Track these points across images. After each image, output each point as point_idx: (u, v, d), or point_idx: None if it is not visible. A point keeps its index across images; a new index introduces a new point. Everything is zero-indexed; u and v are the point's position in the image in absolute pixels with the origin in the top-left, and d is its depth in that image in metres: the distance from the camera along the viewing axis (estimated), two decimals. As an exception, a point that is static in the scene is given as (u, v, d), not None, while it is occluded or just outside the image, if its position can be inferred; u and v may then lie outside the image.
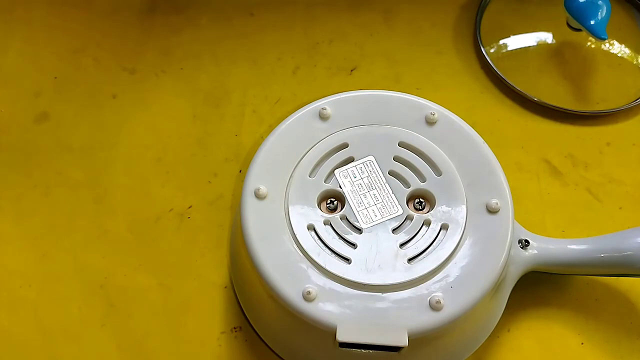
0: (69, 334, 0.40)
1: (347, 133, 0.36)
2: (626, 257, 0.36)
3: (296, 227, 0.33)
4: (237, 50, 0.53)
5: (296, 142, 0.35)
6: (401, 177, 0.34)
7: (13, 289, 0.42)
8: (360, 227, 0.33)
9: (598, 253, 0.37)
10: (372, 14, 0.55)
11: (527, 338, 0.40)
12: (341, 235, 0.33)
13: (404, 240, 0.33)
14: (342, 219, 0.33)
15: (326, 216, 0.33)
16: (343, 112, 0.36)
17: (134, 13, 0.55)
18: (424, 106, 0.37)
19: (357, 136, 0.36)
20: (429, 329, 0.31)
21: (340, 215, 0.33)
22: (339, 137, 0.36)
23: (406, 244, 0.33)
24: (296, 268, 0.32)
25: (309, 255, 0.32)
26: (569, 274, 0.41)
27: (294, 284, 0.32)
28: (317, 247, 0.32)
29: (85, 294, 0.42)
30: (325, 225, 0.33)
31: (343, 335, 0.30)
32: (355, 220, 0.33)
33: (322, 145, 0.35)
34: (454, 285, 0.31)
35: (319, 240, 0.33)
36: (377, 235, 0.33)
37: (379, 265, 0.32)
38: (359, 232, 0.33)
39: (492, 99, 0.50)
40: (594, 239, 0.37)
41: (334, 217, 0.33)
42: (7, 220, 0.45)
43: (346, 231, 0.33)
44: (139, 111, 0.50)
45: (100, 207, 0.45)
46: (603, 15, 0.47)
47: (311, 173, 0.34)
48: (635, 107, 0.49)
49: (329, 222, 0.33)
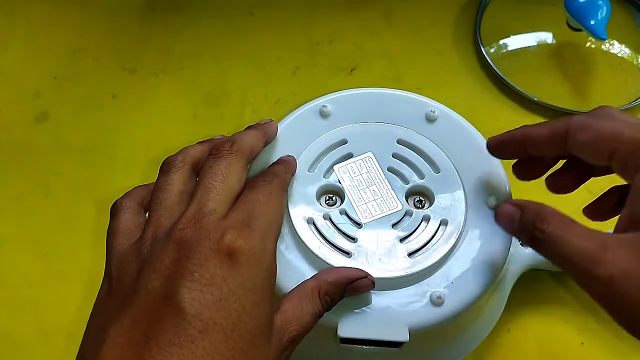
0: (69, 334, 0.40)
1: (346, 130, 0.36)
2: None
3: (295, 221, 0.33)
4: (237, 50, 0.53)
5: (297, 140, 0.35)
6: (400, 174, 0.35)
7: (13, 289, 0.42)
8: (360, 221, 0.33)
9: None
10: (372, 14, 0.55)
11: (527, 338, 0.40)
12: (341, 229, 0.33)
13: (403, 235, 0.33)
14: (341, 213, 0.33)
15: (325, 210, 0.33)
16: (344, 110, 0.36)
17: (134, 13, 0.55)
18: (425, 104, 0.37)
19: (356, 133, 0.36)
20: (430, 324, 0.31)
21: (339, 209, 0.33)
22: (338, 133, 0.36)
23: (406, 238, 0.33)
24: (296, 262, 0.32)
25: (309, 248, 0.32)
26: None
27: (293, 278, 0.32)
28: (317, 241, 0.32)
29: (85, 294, 0.42)
30: (325, 220, 0.33)
31: (344, 330, 0.30)
32: (354, 214, 0.33)
33: (321, 141, 0.35)
34: (455, 281, 0.32)
35: (319, 234, 0.32)
36: (376, 230, 0.33)
37: (379, 259, 0.32)
38: (358, 227, 0.33)
39: (492, 99, 0.50)
40: None
41: (334, 212, 0.33)
42: (7, 220, 0.45)
43: (346, 225, 0.33)
44: (139, 111, 0.50)
45: (100, 207, 0.45)
46: (603, 15, 0.47)
47: (310, 168, 0.34)
48: (635, 107, 0.49)
49: (328, 216, 0.33)
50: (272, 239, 0.27)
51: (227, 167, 0.27)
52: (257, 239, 0.25)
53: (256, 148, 0.30)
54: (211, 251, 0.24)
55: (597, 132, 0.27)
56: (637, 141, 0.26)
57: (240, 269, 0.24)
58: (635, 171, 0.26)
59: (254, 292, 0.24)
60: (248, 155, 0.29)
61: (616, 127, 0.27)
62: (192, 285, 0.23)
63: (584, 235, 0.25)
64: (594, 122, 0.27)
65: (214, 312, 0.23)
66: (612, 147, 0.27)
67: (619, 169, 0.27)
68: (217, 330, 0.23)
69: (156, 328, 0.23)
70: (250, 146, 0.30)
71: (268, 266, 0.25)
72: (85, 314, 0.26)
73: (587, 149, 0.28)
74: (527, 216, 0.27)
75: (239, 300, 0.24)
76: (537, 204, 0.27)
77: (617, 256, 0.23)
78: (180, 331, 0.23)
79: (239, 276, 0.24)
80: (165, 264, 0.24)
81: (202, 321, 0.23)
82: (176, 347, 0.22)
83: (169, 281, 0.24)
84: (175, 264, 0.24)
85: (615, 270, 0.23)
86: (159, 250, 0.25)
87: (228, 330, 0.23)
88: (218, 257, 0.24)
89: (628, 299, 0.23)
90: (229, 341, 0.23)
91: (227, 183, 0.27)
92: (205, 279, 0.24)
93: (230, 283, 0.24)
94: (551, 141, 0.29)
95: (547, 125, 0.29)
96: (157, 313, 0.23)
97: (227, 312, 0.23)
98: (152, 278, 0.24)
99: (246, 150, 0.29)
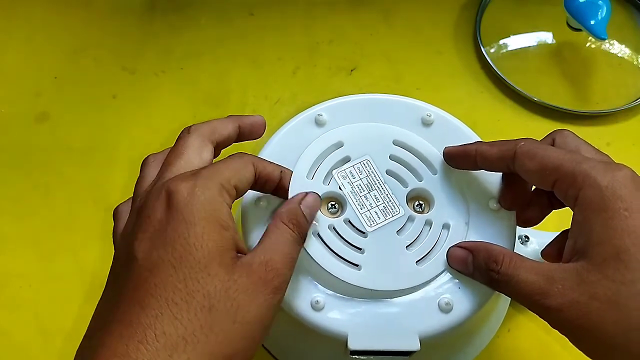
0: (69, 334, 0.40)
1: (340, 131, 0.35)
2: None
3: None
4: (237, 50, 0.53)
5: (293, 152, 0.35)
6: (399, 177, 0.34)
7: (13, 289, 0.42)
8: (365, 230, 0.32)
9: None
10: (372, 14, 0.55)
11: (527, 338, 0.40)
12: (347, 241, 0.32)
13: (409, 242, 0.32)
14: (345, 222, 0.33)
15: (329, 220, 0.33)
16: (339, 117, 0.36)
17: (134, 13, 0.55)
18: (420, 108, 0.36)
19: (352, 135, 0.35)
20: (440, 331, 0.31)
21: (343, 218, 0.33)
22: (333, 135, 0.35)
23: (411, 245, 0.32)
24: (303, 276, 0.32)
25: (316, 262, 0.31)
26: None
27: (301, 293, 0.31)
28: (324, 254, 0.32)
29: (85, 294, 0.42)
30: (330, 230, 0.32)
31: (355, 343, 0.30)
32: (359, 223, 0.33)
33: (317, 146, 0.35)
34: (462, 286, 0.31)
35: (326, 246, 0.32)
36: (382, 238, 0.32)
37: (388, 269, 0.31)
38: (364, 236, 0.32)
39: (492, 99, 0.50)
40: None
41: (338, 221, 0.33)
42: (7, 220, 0.45)
43: (351, 236, 0.32)
44: (139, 111, 0.50)
45: (100, 207, 0.45)
46: (603, 15, 0.47)
47: (308, 174, 0.34)
48: (635, 107, 0.49)
49: (332, 226, 0.32)
50: (215, 180, 0.27)
51: (183, 146, 0.29)
52: (196, 179, 0.26)
53: (221, 130, 0.31)
54: (156, 202, 0.26)
55: (541, 161, 0.28)
56: (574, 174, 0.27)
57: (179, 206, 0.25)
58: (573, 203, 0.27)
59: (196, 224, 0.25)
60: (209, 135, 0.30)
61: (559, 158, 0.28)
62: (143, 236, 0.26)
63: (533, 269, 0.27)
64: (540, 150, 0.29)
65: (161, 251, 0.25)
66: (554, 177, 0.28)
67: (562, 198, 0.28)
68: (167, 266, 0.25)
69: (122, 284, 0.25)
70: (211, 127, 0.31)
71: (209, 200, 0.26)
72: (85, 314, 0.27)
73: (533, 176, 0.29)
74: (479, 259, 0.30)
75: (182, 234, 0.25)
76: (485, 245, 0.30)
77: (563, 287, 0.26)
78: (134, 276, 0.25)
79: (178, 213, 0.25)
80: (128, 231, 0.27)
81: (151, 261, 0.25)
82: (133, 291, 0.24)
83: (129, 244, 0.26)
84: (133, 227, 0.27)
85: (562, 300, 0.26)
86: (128, 225, 0.28)
87: (176, 263, 0.25)
88: (161, 206, 0.26)
89: (578, 326, 0.25)
90: (179, 273, 0.24)
91: (184, 158, 0.29)
92: (153, 227, 0.26)
93: (171, 222, 0.25)
94: (500, 161, 0.31)
95: (497, 147, 0.31)
96: (123, 272, 0.26)
97: (172, 247, 0.25)
98: (122, 249, 0.27)
99: (205, 131, 0.30)
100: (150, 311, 0.24)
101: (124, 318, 0.24)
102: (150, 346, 0.23)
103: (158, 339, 0.23)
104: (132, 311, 0.24)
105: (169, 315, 0.24)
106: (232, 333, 0.24)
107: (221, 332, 0.24)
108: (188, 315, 0.24)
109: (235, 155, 0.29)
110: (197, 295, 0.24)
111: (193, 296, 0.24)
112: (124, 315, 0.24)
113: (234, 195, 0.28)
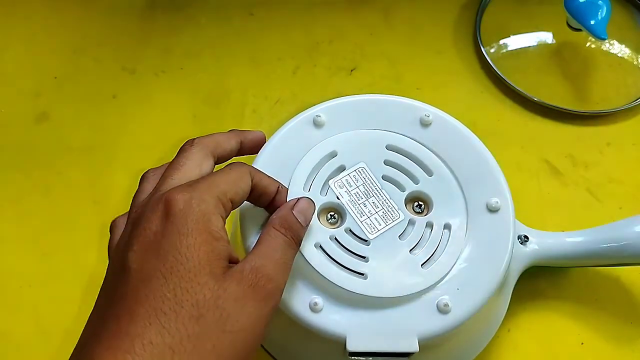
0: (69, 334, 0.40)
1: (333, 140, 0.35)
2: (624, 246, 0.36)
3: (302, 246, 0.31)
4: (237, 50, 0.53)
5: (291, 154, 0.34)
6: (395, 181, 0.34)
7: (13, 289, 0.42)
8: (367, 238, 0.32)
9: (596, 244, 0.37)
10: (372, 14, 0.55)
11: (527, 338, 0.40)
12: (350, 250, 0.32)
13: (412, 245, 0.32)
14: (347, 232, 0.33)
15: (330, 231, 0.32)
16: (337, 118, 0.36)
17: (133, 13, 0.55)
18: (419, 108, 0.36)
19: (344, 143, 0.35)
20: (439, 332, 0.31)
21: (344, 228, 0.33)
22: (326, 145, 0.35)
23: (415, 248, 0.32)
24: (301, 278, 0.31)
25: (321, 274, 0.31)
26: (569, 266, 0.41)
27: (299, 295, 0.31)
28: (329, 266, 0.31)
29: (85, 294, 0.42)
30: (332, 241, 0.32)
31: (354, 344, 0.30)
32: (360, 232, 0.32)
33: (312, 156, 0.34)
34: (460, 287, 0.31)
35: (330, 258, 0.32)
36: (385, 245, 0.32)
37: (395, 275, 0.31)
38: (366, 244, 0.32)
39: (492, 99, 0.50)
40: (591, 231, 0.38)
41: (339, 231, 0.32)
42: (7, 220, 0.45)
43: (354, 245, 0.32)
44: (139, 111, 0.50)
45: (100, 207, 0.45)
46: (603, 15, 0.47)
47: (305, 186, 0.34)
48: (635, 107, 0.49)
49: (334, 237, 0.32)
50: (212, 192, 0.27)
51: (184, 158, 0.29)
52: (192, 191, 0.27)
53: (224, 145, 0.31)
54: (152, 214, 0.26)
55: None
56: None
57: (174, 218, 0.26)
58: None
59: (188, 235, 0.25)
60: (212, 149, 0.31)
61: None
62: (138, 247, 0.26)
63: None
64: None
65: (154, 262, 0.25)
66: None
67: None
68: (157, 276, 0.25)
69: (114, 294, 0.26)
70: (215, 141, 0.31)
71: (204, 212, 0.26)
72: (85, 314, 0.27)
73: None
74: None
75: (174, 244, 0.25)
76: None
77: None
78: (127, 287, 0.25)
79: (172, 225, 0.26)
80: (124, 241, 0.27)
81: (144, 272, 0.25)
82: (124, 301, 0.25)
83: (124, 254, 0.26)
84: (129, 238, 0.27)
85: None
86: (124, 235, 0.28)
87: (167, 273, 0.25)
88: (158, 218, 0.26)
89: None
90: (169, 283, 0.25)
91: (183, 170, 0.29)
92: (148, 238, 0.26)
93: (166, 234, 0.26)
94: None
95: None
96: (116, 283, 0.26)
97: (165, 257, 0.25)
98: (116, 260, 0.27)
99: (209, 145, 0.30)
100: (140, 321, 0.24)
101: (113, 328, 0.24)
102: (138, 356, 0.23)
103: (145, 349, 0.23)
104: (122, 321, 0.24)
105: (157, 324, 0.24)
106: (221, 342, 0.24)
107: (209, 341, 0.24)
108: (176, 325, 0.24)
109: (233, 166, 0.29)
110: (186, 304, 0.24)
111: (182, 305, 0.24)
112: (114, 326, 0.24)
113: (230, 208, 0.28)
